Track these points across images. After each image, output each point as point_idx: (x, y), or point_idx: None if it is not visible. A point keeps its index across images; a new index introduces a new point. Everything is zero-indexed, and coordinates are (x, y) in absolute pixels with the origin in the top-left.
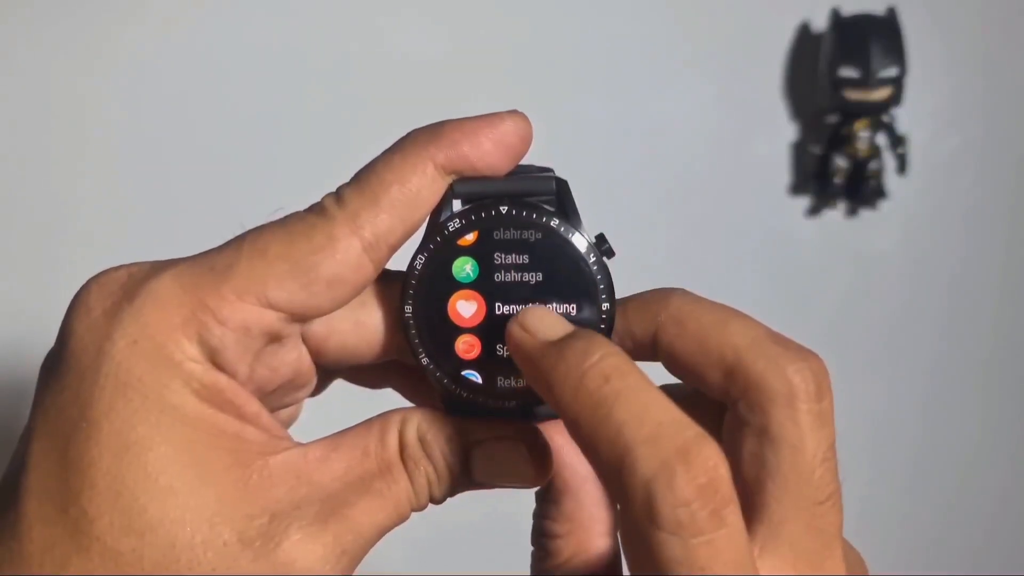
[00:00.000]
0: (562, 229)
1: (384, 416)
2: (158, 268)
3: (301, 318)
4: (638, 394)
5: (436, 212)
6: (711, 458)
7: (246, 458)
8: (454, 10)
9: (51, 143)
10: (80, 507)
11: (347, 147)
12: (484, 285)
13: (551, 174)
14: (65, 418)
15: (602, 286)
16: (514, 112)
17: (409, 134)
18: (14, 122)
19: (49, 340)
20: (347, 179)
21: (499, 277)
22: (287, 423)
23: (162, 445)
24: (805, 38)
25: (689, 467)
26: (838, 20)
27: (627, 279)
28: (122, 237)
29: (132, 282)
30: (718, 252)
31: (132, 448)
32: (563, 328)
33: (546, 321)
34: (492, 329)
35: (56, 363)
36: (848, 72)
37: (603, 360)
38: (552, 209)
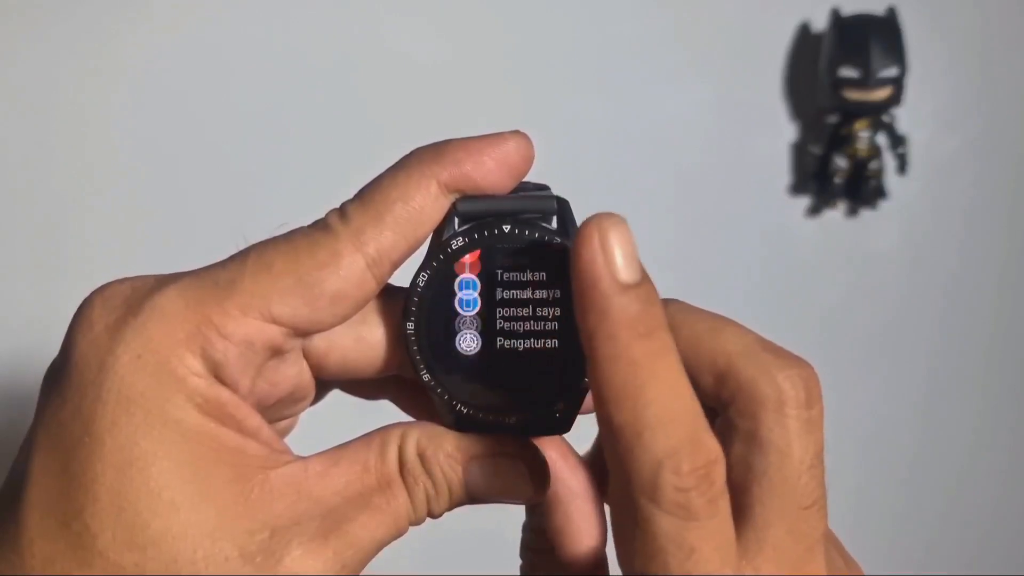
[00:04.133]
0: (563, 248)
1: (384, 431)
2: (162, 282)
3: (303, 333)
4: (672, 377)
5: (439, 230)
6: (713, 451)
7: (247, 472)
8: (454, 12)
9: (55, 153)
10: (83, 522)
11: (350, 155)
12: (486, 302)
13: (551, 192)
14: (67, 433)
15: None
16: (517, 132)
17: (413, 152)
18: (17, 130)
19: (52, 351)
20: (350, 186)
21: (501, 294)
22: (283, 434)
23: (164, 460)
24: (805, 38)
25: (694, 455)
26: (838, 20)
27: None
28: (125, 248)
29: (136, 296)
30: (718, 252)
31: (135, 463)
32: (637, 272)
33: (627, 253)
34: (494, 346)
35: (58, 377)
36: (848, 72)
37: (655, 333)
38: (553, 227)
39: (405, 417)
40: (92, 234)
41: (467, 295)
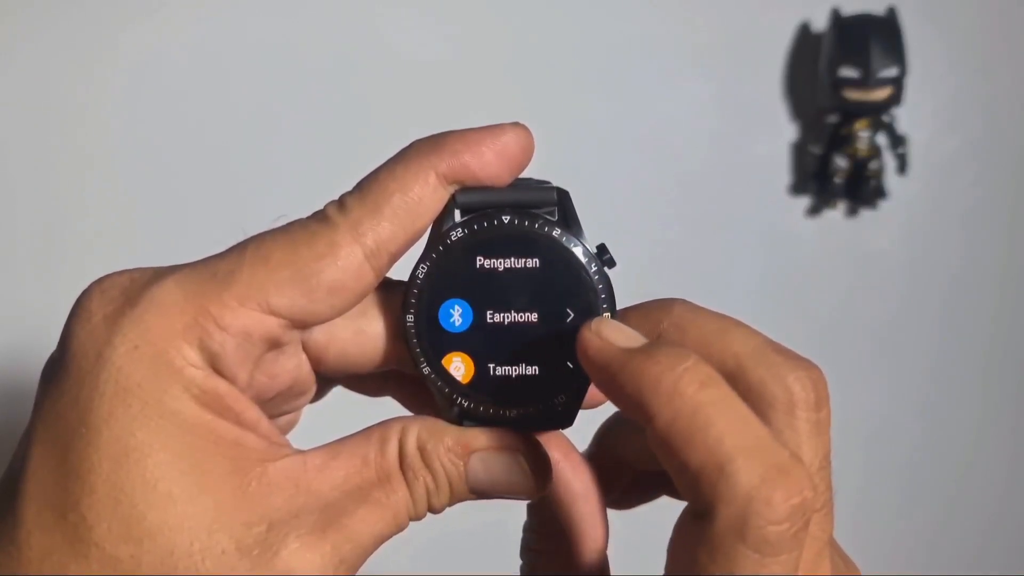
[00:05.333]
0: (564, 239)
1: (384, 425)
2: (160, 274)
3: (302, 325)
4: (736, 404)
5: (438, 222)
6: (804, 479)
7: (245, 465)
8: (454, 12)
9: (53, 147)
10: (79, 513)
11: (349, 149)
12: (487, 293)
13: (551, 185)
14: (65, 424)
15: (603, 296)
16: (516, 124)
17: (412, 144)
18: (15, 126)
19: (51, 344)
20: (349, 181)
21: (501, 287)
22: (286, 430)
23: (161, 451)
24: (805, 38)
25: (788, 486)
26: (838, 20)
27: (627, 279)
28: (124, 241)
29: (134, 287)
30: (718, 252)
31: (131, 454)
32: (641, 339)
33: (624, 331)
34: (493, 339)
35: (56, 368)
36: (848, 72)
37: (697, 366)
38: (554, 219)
39: (407, 413)
40: (92, 228)
41: (467, 287)
